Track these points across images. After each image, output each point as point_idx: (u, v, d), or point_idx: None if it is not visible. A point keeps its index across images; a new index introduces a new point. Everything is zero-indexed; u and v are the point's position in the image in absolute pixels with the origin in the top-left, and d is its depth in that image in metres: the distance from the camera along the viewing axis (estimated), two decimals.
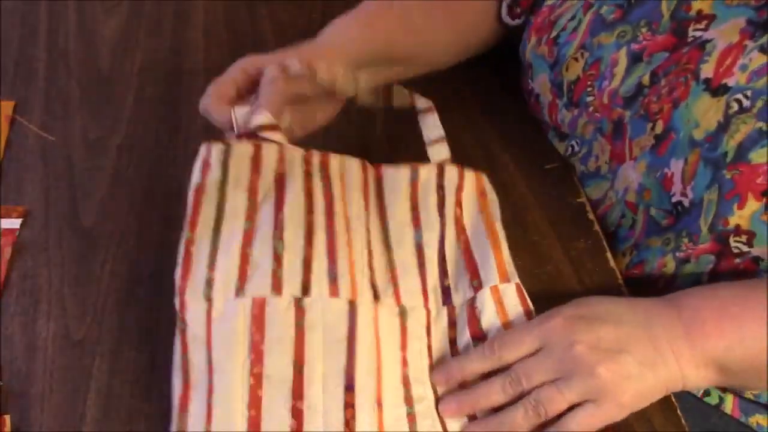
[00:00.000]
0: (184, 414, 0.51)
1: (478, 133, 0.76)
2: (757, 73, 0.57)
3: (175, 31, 0.88)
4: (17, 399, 0.56)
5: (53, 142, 0.74)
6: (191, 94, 0.80)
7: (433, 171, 0.65)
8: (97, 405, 0.56)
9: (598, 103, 0.68)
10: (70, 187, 0.71)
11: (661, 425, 0.57)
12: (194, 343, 0.53)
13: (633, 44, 0.65)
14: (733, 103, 0.58)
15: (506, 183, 0.72)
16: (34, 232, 0.67)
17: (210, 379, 0.52)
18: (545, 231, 0.69)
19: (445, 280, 0.62)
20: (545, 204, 0.71)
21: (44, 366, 0.58)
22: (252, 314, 0.53)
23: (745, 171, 0.56)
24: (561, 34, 0.71)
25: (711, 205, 0.59)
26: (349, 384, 0.53)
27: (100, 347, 0.60)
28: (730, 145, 0.57)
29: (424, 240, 0.63)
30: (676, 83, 0.61)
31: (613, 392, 0.53)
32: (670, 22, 0.63)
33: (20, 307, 0.62)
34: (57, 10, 0.89)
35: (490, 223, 0.64)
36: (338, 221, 0.59)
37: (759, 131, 0.56)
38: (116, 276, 0.64)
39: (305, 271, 0.55)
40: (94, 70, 0.82)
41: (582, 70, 0.68)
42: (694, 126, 0.60)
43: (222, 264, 0.55)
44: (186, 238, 0.56)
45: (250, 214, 0.57)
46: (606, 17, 0.67)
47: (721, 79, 0.59)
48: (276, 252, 0.55)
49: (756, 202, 0.56)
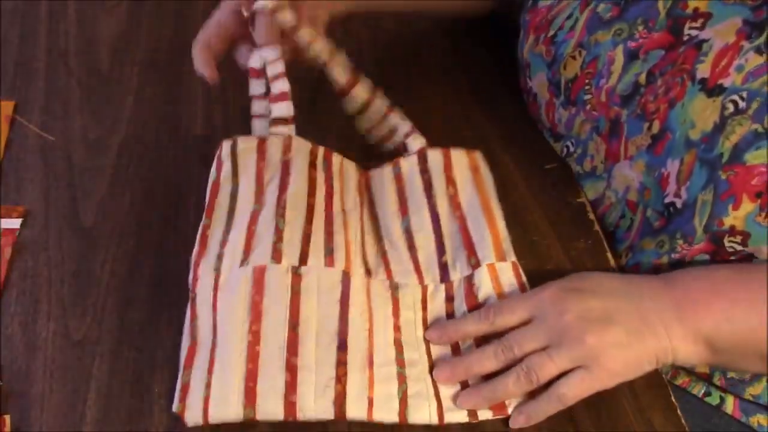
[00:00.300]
0: (188, 370, 0.56)
1: (479, 132, 0.76)
2: (753, 74, 0.57)
3: (175, 31, 0.88)
4: (17, 399, 0.56)
5: (53, 142, 0.74)
6: (191, 94, 0.80)
7: (414, 159, 0.69)
8: (97, 405, 0.56)
9: (596, 102, 0.68)
10: (70, 187, 0.71)
11: (661, 425, 0.57)
12: (202, 308, 0.58)
13: (630, 42, 0.65)
14: (728, 104, 0.58)
15: (506, 183, 0.72)
16: (34, 232, 0.67)
17: (213, 338, 0.56)
18: (545, 231, 0.69)
19: (443, 256, 0.64)
20: (545, 204, 0.71)
21: (44, 366, 0.58)
22: (253, 279, 0.58)
23: (741, 172, 0.57)
24: (558, 32, 0.71)
25: (706, 205, 0.59)
26: (341, 343, 0.57)
27: (100, 347, 0.60)
28: (725, 146, 0.57)
29: (411, 224, 0.66)
30: (673, 83, 0.61)
31: (601, 358, 0.55)
32: (667, 20, 0.63)
33: (20, 306, 0.62)
34: (57, 10, 0.89)
35: (485, 199, 0.67)
36: (336, 208, 0.64)
37: (754, 133, 0.56)
38: (116, 276, 0.64)
39: (303, 244, 0.60)
40: (94, 70, 0.82)
41: (580, 68, 0.68)
42: (690, 126, 0.60)
43: (232, 240, 0.60)
44: (204, 223, 0.62)
45: (258, 197, 0.62)
46: (603, 15, 0.67)
47: (717, 79, 0.59)
48: (278, 227, 0.60)
49: (751, 203, 0.56)
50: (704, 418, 0.68)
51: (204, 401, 0.54)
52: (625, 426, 0.57)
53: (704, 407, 0.68)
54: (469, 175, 0.68)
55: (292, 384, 0.54)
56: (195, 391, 0.55)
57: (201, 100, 0.80)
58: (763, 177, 0.56)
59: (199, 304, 0.59)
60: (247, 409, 0.54)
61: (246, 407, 0.54)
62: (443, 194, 0.67)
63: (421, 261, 0.64)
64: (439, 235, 0.65)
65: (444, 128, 0.77)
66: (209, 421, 0.54)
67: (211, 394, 0.54)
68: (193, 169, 0.72)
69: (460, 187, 0.67)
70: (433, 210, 0.66)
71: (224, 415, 0.54)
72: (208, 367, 0.55)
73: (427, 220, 0.66)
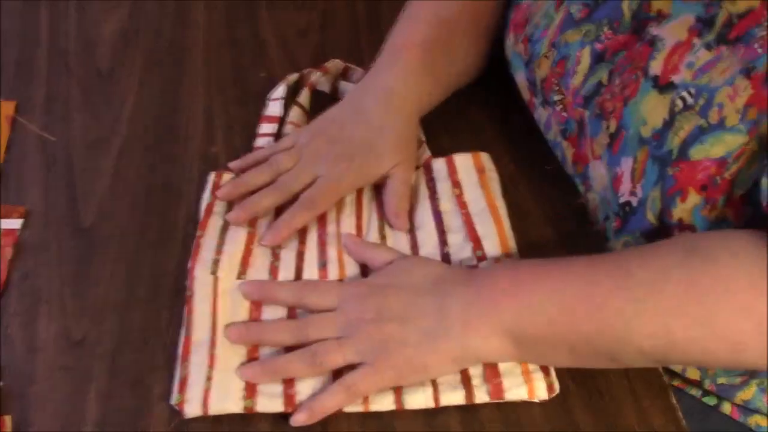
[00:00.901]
0: (186, 363, 0.57)
1: (479, 133, 0.76)
2: (702, 70, 0.56)
3: (175, 31, 0.88)
4: (17, 399, 0.56)
5: (54, 142, 0.74)
6: (191, 94, 0.80)
7: (421, 172, 0.71)
8: (97, 405, 0.56)
9: (566, 102, 0.67)
10: (70, 187, 0.71)
11: (661, 425, 0.57)
12: (200, 305, 0.60)
13: (596, 43, 0.64)
14: (678, 101, 0.57)
15: (506, 183, 0.72)
16: (35, 232, 0.67)
17: (213, 335, 0.59)
18: (545, 231, 0.69)
19: (445, 247, 0.65)
20: (545, 204, 0.71)
21: (45, 366, 0.58)
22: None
23: (686, 168, 0.56)
24: (535, 31, 0.70)
25: (655, 201, 0.58)
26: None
27: (100, 347, 0.60)
28: (674, 142, 0.56)
29: (416, 225, 0.67)
30: (629, 81, 0.60)
31: (384, 355, 0.56)
32: (632, 21, 0.62)
33: (20, 307, 0.62)
34: (57, 10, 0.89)
35: (490, 198, 0.68)
36: (330, 225, 0.67)
37: (699, 128, 0.55)
38: (116, 276, 0.64)
39: (298, 261, 0.64)
40: (94, 70, 0.82)
41: (550, 67, 0.68)
42: (642, 123, 0.59)
43: (227, 250, 0.64)
44: (197, 234, 0.65)
45: (251, 223, 0.66)
46: (574, 15, 0.66)
47: (668, 76, 0.58)
48: (274, 251, 0.65)
49: (697, 195, 0.55)
50: (703, 418, 0.68)
51: (204, 393, 0.55)
52: (625, 426, 0.57)
53: (704, 408, 0.68)
54: (475, 176, 0.69)
55: (291, 378, 0.57)
56: (195, 384, 0.56)
57: (201, 100, 0.80)
58: (707, 171, 0.55)
59: (197, 302, 0.60)
60: (247, 400, 0.55)
61: (246, 398, 0.56)
62: (449, 196, 0.68)
63: (421, 253, 0.65)
64: (441, 231, 0.66)
65: (444, 128, 0.77)
66: (208, 412, 0.55)
67: (211, 387, 0.56)
68: (193, 169, 0.72)
69: (465, 188, 0.68)
70: (436, 209, 0.67)
71: (224, 407, 0.55)
72: (209, 362, 0.57)
73: (430, 218, 0.67)
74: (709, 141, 0.54)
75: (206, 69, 0.83)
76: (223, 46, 0.86)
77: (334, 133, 0.69)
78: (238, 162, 0.71)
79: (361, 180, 0.69)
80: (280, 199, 0.67)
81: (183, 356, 0.58)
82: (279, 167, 0.68)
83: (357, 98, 0.72)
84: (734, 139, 0.53)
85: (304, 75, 0.79)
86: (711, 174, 0.54)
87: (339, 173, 0.67)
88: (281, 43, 0.87)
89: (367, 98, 0.71)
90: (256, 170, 0.69)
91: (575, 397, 0.58)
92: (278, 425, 0.56)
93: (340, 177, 0.67)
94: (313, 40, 0.87)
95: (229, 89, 0.81)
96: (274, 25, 0.89)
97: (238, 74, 0.83)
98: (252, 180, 0.68)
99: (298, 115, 0.76)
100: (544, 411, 0.57)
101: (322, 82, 0.79)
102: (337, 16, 0.91)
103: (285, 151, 0.69)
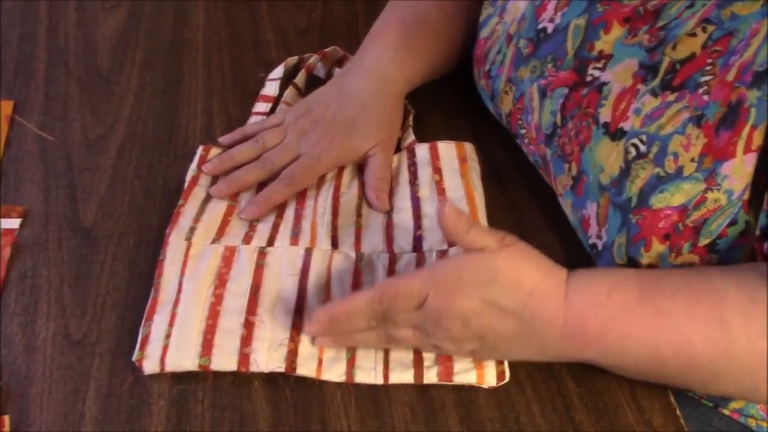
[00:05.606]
0: (149, 322, 0.59)
1: (478, 134, 0.76)
2: (650, 117, 0.56)
3: (175, 31, 0.88)
4: (17, 399, 0.56)
5: (53, 141, 0.74)
6: (191, 94, 0.80)
7: (404, 155, 0.73)
8: (97, 405, 0.56)
9: (530, 137, 0.68)
10: (70, 187, 0.71)
11: (661, 425, 0.57)
12: (170, 268, 0.62)
13: (541, 80, 0.65)
14: (630, 148, 0.57)
15: (506, 183, 0.72)
16: (34, 231, 0.67)
17: (177, 294, 0.60)
18: (545, 231, 0.69)
19: (419, 230, 0.66)
20: (545, 204, 0.71)
21: (44, 366, 0.58)
22: (222, 256, 0.63)
23: (648, 215, 0.55)
24: (492, 66, 0.71)
25: (621, 248, 0.58)
26: (298, 309, 0.60)
27: (100, 347, 0.60)
28: (632, 190, 0.56)
29: (393, 207, 0.69)
30: (581, 126, 0.61)
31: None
32: (574, 60, 0.63)
33: (20, 306, 0.62)
34: (57, 10, 0.89)
35: (469, 187, 0.69)
36: (309, 197, 0.69)
37: (657, 176, 0.55)
38: (116, 276, 0.64)
39: (272, 231, 0.66)
40: (94, 70, 0.82)
41: (512, 103, 0.69)
42: (600, 170, 0.59)
43: (205, 219, 0.66)
44: (179, 204, 0.67)
45: (233, 196, 0.68)
46: (522, 51, 0.67)
47: (618, 123, 0.58)
48: (251, 223, 0.67)
49: (660, 245, 0.55)
50: (703, 418, 0.68)
51: (162, 350, 0.57)
52: (625, 426, 0.57)
53: (703, 408, 0.68)
54: (456, 164, 0.70)
55: (247, 338, 0.58)
56: (154, 341, 0.58)
57: (201, 100, 0.80)
58: (669, 219, 0.55)
59: (167, 265, 0.62)
60: (202, 358, 0.57)
61: (202, 356, 0.57)
62: (428, 181, 0.69)
63: (395, 234, 0.66)
64: (417, 215, 0.67)
65: (443, 128, 0.77)
66: (165, 369, 0.57)
67: (169, 344, 0.57)
68: None
69: (445, 175, 0.70)
70: (414, 195, 0.69)
71: (180, 364, 0.57)
72: (169, 320, 0.59)
73: (407, 202, 0.68)
74: (669, 190, 0.54)
75: (206, 69, 0.83)
76: (223, 46, 0.86)
77: (319, 112, 0.71)
78: (227, 136, 0.73)
79: (342, 158, 0.70)
80: (264, 175, 0.69)
81: (148, 316, 0.59)
82: (265, 144, 0.70)
83: (341, 78, 0.75)
84: (693, 187, 0.53)
85: (303, 58, 0.82)
86: (674, 221, 0.55)
87: (319, 151, 0.69)
88: (281, 42, 0.87)
89: (350, 77, 0.74)
90: (242, 146, 0.71)
91: (575, 397, 0.58)
92: (277, 415, 0.55)
93: (320, 155, 0.69)
94: (313, 40, 0.87)
95: (228, 89, 0.81)
96: (274, 25, 0.89)
97: (237, 74, 0.83)
98: (238, 156, 0.70)
99: (293, 95, 0.79)
100: (544, 411, 0.57)
101: (319, 67, 0.82)
102: (337, 16, 0.91)
103: (272, 128, 0.72)
